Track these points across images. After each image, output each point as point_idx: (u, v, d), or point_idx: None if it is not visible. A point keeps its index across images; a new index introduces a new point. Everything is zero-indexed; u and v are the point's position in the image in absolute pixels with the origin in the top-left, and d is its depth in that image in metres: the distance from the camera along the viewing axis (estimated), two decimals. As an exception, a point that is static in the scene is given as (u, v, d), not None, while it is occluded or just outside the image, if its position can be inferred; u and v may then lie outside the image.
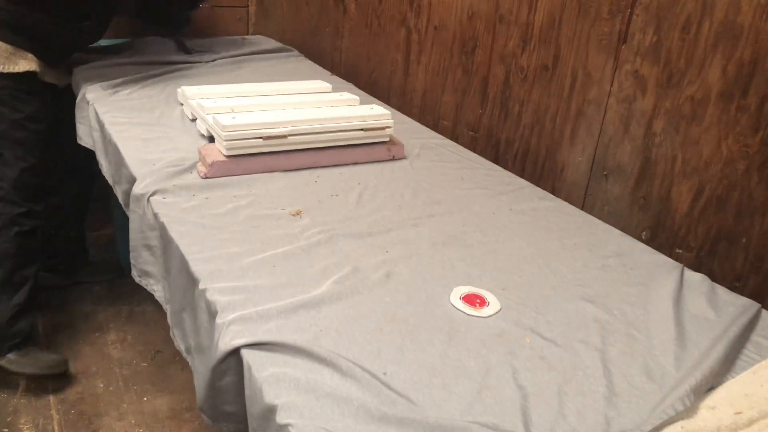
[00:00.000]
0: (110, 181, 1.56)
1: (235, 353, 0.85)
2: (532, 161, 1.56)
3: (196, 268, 1.00)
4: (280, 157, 1.39)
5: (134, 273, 1.25)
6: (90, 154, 1.71)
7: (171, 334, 1.10)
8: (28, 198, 1.79)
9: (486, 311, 0.96)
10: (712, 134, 1.14)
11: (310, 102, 1.63)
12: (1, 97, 1.72)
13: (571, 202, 1.41)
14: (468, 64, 1.72)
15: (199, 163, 1.36)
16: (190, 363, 1.04)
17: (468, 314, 0.95)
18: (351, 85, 2.08)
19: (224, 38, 2.44)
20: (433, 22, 1.82)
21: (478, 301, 0.98)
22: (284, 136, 1.38)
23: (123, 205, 1.42)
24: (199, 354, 0.97)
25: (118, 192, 1.44)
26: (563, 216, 1.32)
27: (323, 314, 0.92)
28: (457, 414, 0.75)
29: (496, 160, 1.64)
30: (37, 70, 1.74)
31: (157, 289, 1.20)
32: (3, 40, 1.66)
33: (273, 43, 2.47)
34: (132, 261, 1.25)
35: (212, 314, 0.91)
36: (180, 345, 1.08)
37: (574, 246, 1.19)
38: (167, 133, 1.53)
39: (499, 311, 0.97)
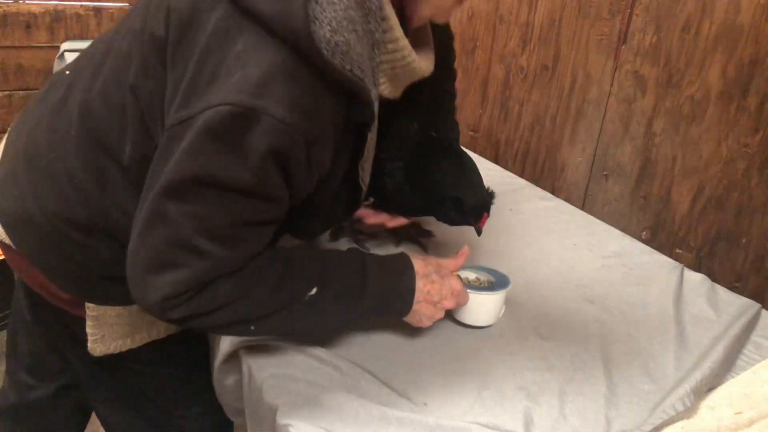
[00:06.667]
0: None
1: (236, 354, 0.85)
2: (532, 161, 1.56)
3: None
4: (280, 157, 1.39)
5: None
6: None
7: None
8: None
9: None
10: (712, 134, 1.14)
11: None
12: None
13: (571, 202, 1.41)
14: (468, 64, 1.72)
15: (199, 163, 1.35)
16: None
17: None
18: (351, 85, 2.08)
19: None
20: (433, 22, 1.82)
21: None
22: (284, 136, 1.37)
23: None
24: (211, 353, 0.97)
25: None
26: (563, 216, 1.32)
27: (323, 314, 0.91)
28: (458, 414, 0.75)
29: (496, 160, 1.64)
30: None
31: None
32: None
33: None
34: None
35: (212, 314, 0.91)
36: None
37: (574, 246, 1.19)
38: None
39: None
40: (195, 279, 0.65)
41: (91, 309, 0.84)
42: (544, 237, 1.21)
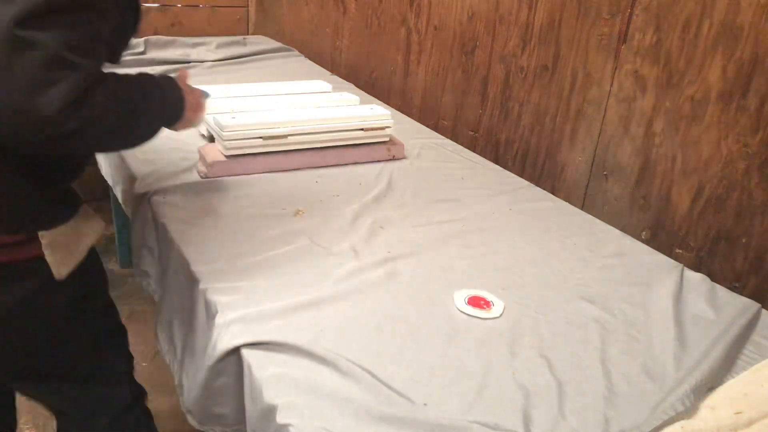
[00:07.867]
0: (110, 182, 1.56)
1: (233, 353, 0.84)
2: (532, 161, 1.56)
3: (196, 268, 1.00)
4: (280, 157, 1.39)
5: (136, 273, 1.25)
6: None
7: (155, 332, 1.10)
8: None
9: (488, 312, 0.96)
10: (712, 134, 1.14)
11: (310, 102, 1.63)
12: None
13: (571, 202, 1.41)
14: (468, 64, 1.72)
15: (199, 163, 1.36)
16: (167, 361, 1.04)
17: (468, 314, 0.95)
18: (351, 85, 2.08)
19: (224, 38, 2.44)
20: (433, 22, 1.82)
21: (483, 302, 0.98)
22: (284, 136, 1.38)
23: (123, 205, 1.42)
24: (191, 355, 0.97)
25: (118, 192, 1.44)
26: (563, 216, 1.32)
27: (324, 314, 0.91)
28: (458, 414, 0.75)
29: (496, 160, 1.64)
30: None
31: (156, 289, 1.20)
32: None
33: (273, 43, 2.47)
34: (134, 261, 1.25)
35: (211, 314, 0.91)
36: (163, 346, 1.09)
37: (574, 246, 1.19)
38: (167, 133, 1.53)
39: (501, 312, 0.97)
40: (77, 88, 0.72)
41: (44, 237, 0.89)
42: (544, 237, 1.21)
